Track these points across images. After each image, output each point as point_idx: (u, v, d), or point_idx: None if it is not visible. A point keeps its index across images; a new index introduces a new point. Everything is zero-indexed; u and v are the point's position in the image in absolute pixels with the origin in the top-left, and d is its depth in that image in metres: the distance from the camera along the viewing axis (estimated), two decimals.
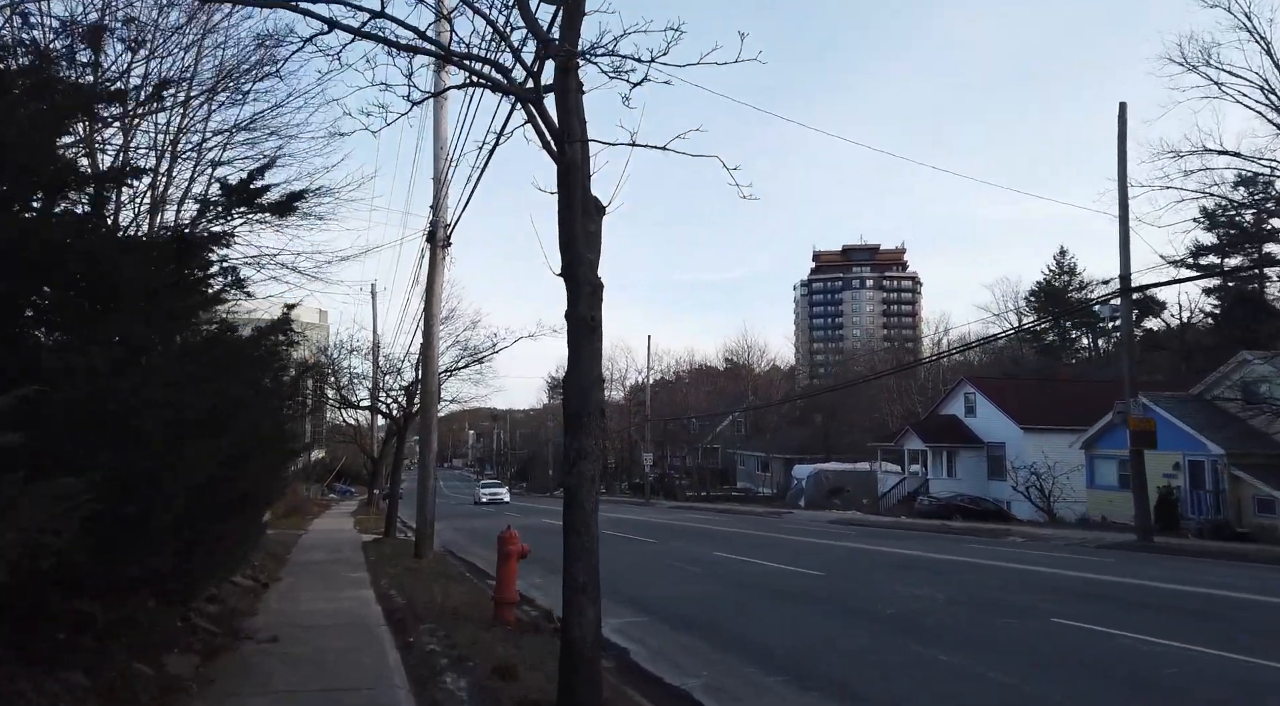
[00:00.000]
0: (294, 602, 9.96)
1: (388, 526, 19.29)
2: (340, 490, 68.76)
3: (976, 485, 37.58)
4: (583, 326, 4.83)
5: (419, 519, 14.89)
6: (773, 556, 15.50)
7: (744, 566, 13.97)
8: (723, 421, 72.53)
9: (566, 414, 4.90)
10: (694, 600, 10.53)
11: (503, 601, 8.42)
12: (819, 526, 27.55)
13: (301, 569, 13.68)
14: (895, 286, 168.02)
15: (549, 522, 28.07)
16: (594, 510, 4.76)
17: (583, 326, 4.83)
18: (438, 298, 15.24)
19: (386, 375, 19.17)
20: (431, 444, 15.03)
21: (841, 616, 9.01)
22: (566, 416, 4.90)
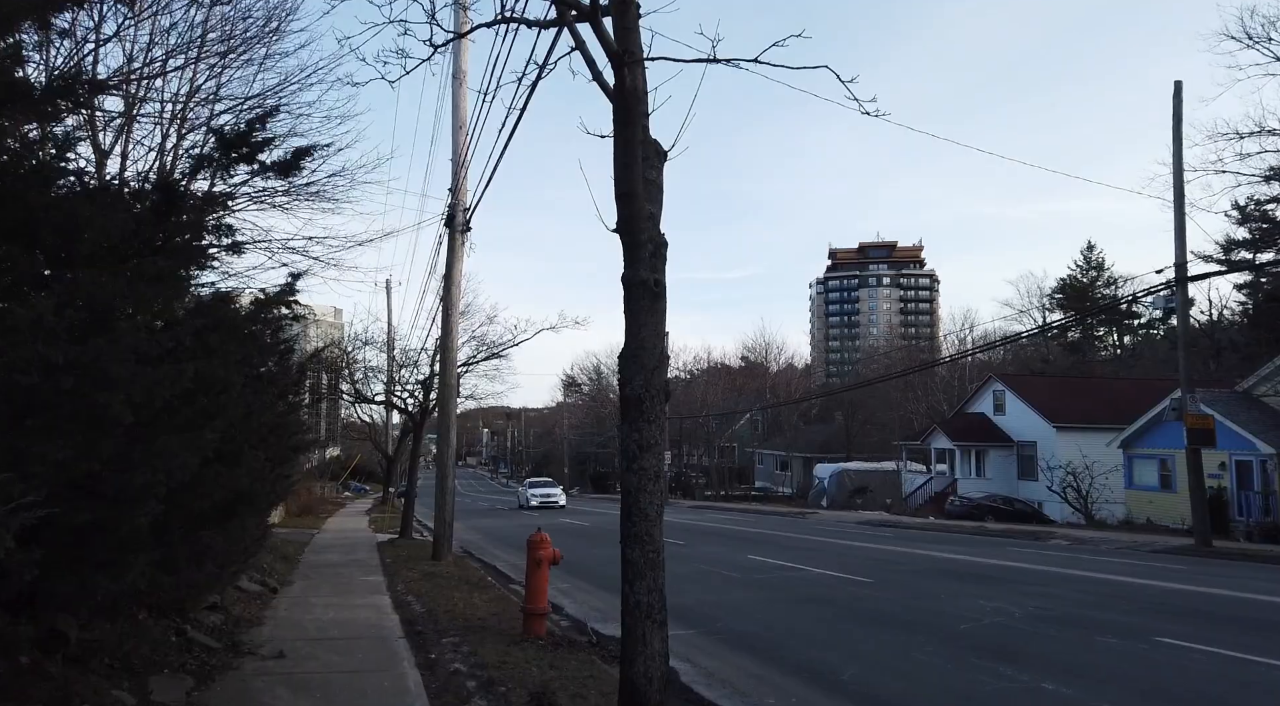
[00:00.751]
0: (304, 610, 9.17)
1: (404, 526, 18.53)
2: (355, 488, 68.35)
3: (1006, 485, 36.43)
4: (644, 292, 3.97)
5: (437, 519, 14.09)
6: (811, 560, 14.59)
7: (785, 572, 13.05)
8: (740, 420, 71.57)
9: (624, 398, 4.03)
10: (740, 611, 9.65)
11: (533, 612, 7.58)
12: (848, 527, 26.57)
13: (314, 572, 12.92)
14: (913, 284, 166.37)
15: (568, 522, 27.25)
16: (659, 515, 3.91)
17: (644, 292, 3.97)
18: (457, 286, 14.44)
19: (402, 368, 18.40)
20: (450, 440, 14.23)
21: (909, 632, 8.09)
22: (624, 401, 4.04)
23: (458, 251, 14.41)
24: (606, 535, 20.90)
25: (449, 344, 14.35)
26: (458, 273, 14.44)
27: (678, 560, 15.08)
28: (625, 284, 4.07)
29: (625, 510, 3.99)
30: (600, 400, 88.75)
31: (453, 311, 14.39)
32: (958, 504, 32.17)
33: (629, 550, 3.91)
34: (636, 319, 4.01)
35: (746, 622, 8.94)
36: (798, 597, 10.51)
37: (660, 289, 4.04)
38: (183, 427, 3.34)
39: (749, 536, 21.07)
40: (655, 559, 3.91)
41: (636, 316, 4.01)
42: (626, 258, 4.07)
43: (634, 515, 3.92)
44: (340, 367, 18.26)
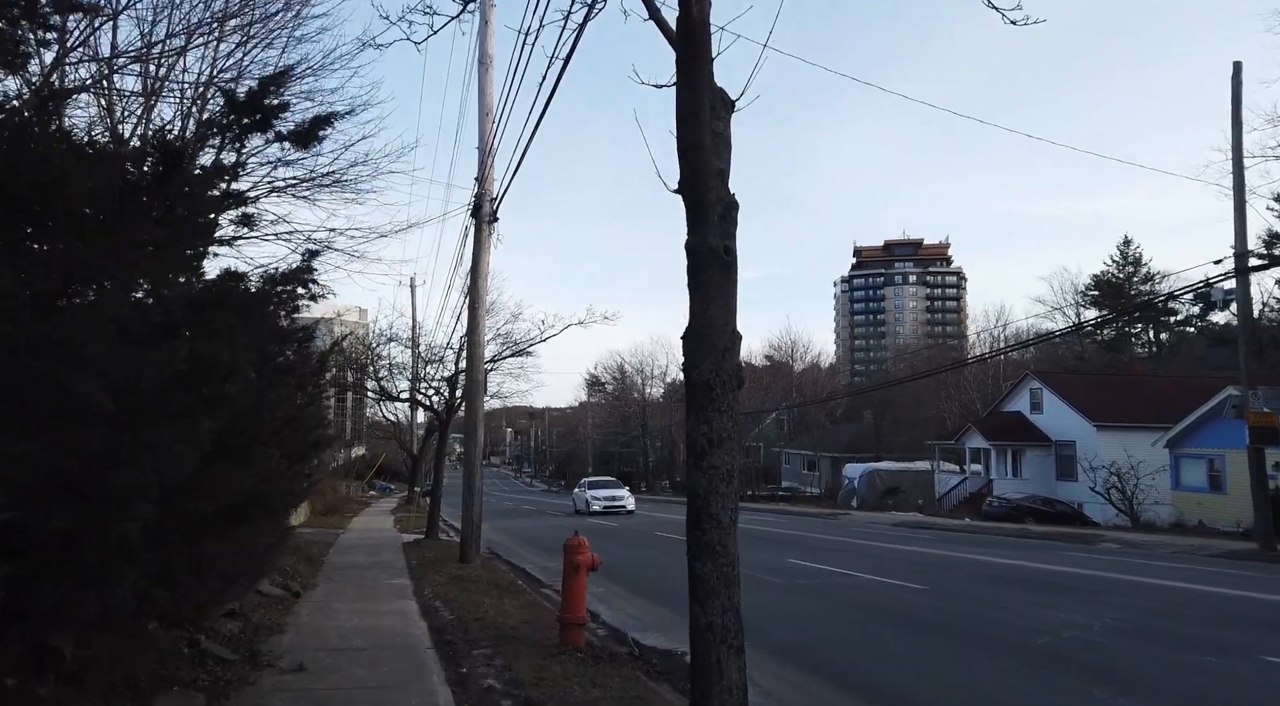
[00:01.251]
0: (327, 616, 8.70)
1: (430, 527, 18.10)
2: (380, 487, 68.52)
3: (1044, 486, 35.36)
4: (712, 260, 3.40)
5: (464, 520, 13.62)
6: (855, 564, 13.88)
7: (829, 578, 12.37)
8: (766, 419, 70.70)
9: (690, 385, 3.45)
10: (789, 621, 9.02)
11: (571, 622, 7.02)
12: (884, 529, 25.76)
13: (338, 574, 12.49)
14: (939, 282, 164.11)
15: (596, 523, 26.70)
16: (733, 522, 3.34)
17: (712, 260, 3.40)
18: (484, 278, 13.94)
19: (428, 364, 17.96)
20: (477, 437, 13.74)
21: (984, 649, 7.41)
22: (691, 389, 3.46)
23: (484, 243, 13.91)
24: (637, 536, 20.34)
25: (476, 338, 13.85)
26: (484, 265, 13.95)
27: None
28: (690, 252, 3.49)
29: (693, 516, 3.41)
30: (624, 399, 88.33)
31: (480, 305, 13.89)
32: (996, 505, 31.19)
33: (699, 563, 3.33)
34: (704, 293, 3.43)
35: (801, 634, 8.31)
36: (851, 606, 9.84)
37: (731, 257, 3.46)
38: (177, 417, 2.82)
39: (784, 538, 20.39)
40: (730, 573, 3.34)
41: (704, 290, 3.43)
42: (691, 221, 3.50)
43: (704, 522, 3.34)
44: (365, 363, 17.85)
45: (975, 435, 38.67)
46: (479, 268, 13.91)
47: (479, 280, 13.93)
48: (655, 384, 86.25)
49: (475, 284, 13.93)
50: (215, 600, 4.27)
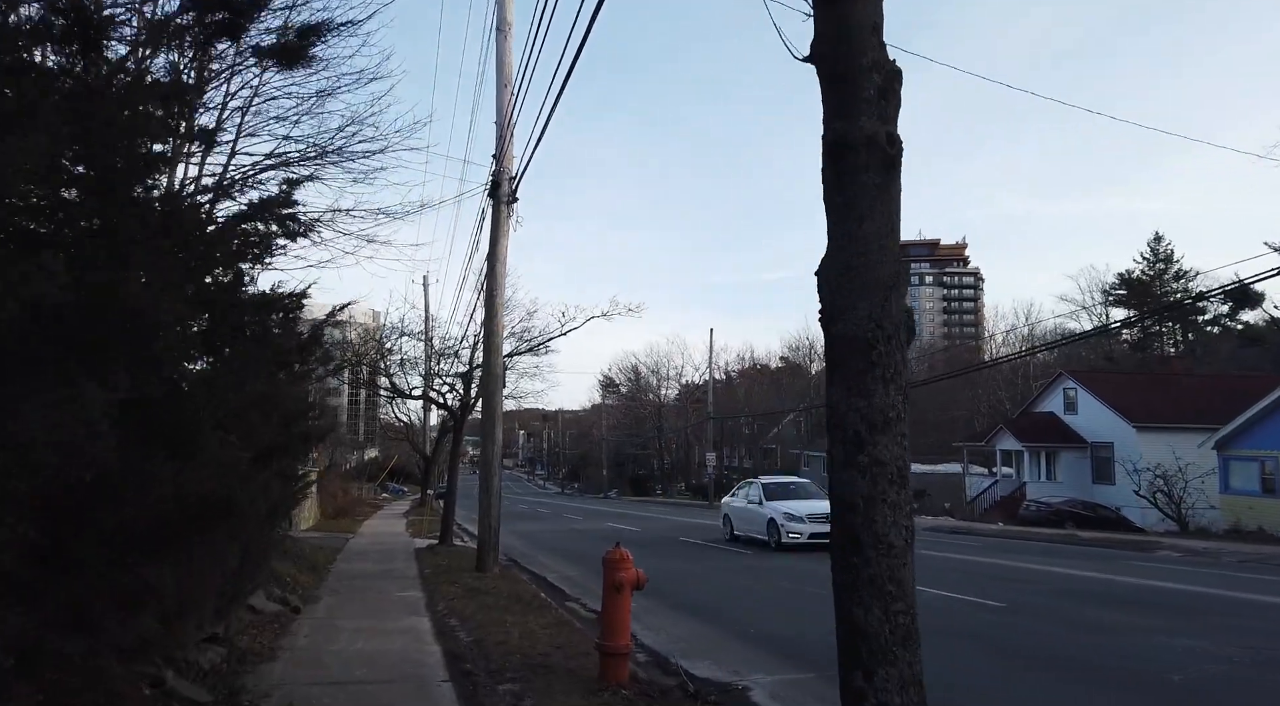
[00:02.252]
0: (328, 637, 7.61)
1: (444, 531, 17.03)
2: (393, 489, 67.68)
3: (1079, 489, 33.92)
4: (867, 155, 2.28)
5: (481, 525, 12.52)
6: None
7: None
8: (781, 421, 69.27)
9: (834, 341, 2.33)
10: None
11: (613, 651, 5.89)
12: (921, 534, 24.38)
13: (344, 585, 11.41)
14: (956, 282, 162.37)
15: (617, 528, 25.53)
16: (907, 545, 2.19)
17: (867, 155, 2.28)
18: (502, 263, 12.86)
19: (441, 358, 16.85)
20: (495, 436, 12.65)
21: (1106, 684, 6.21)
22: (835, 346, 2.33)
23: (503, 225, 12.84)
24: (661, 543, 19.06)
25: (493, 328, 12.77)
26: (503, 249, 12.87)
27: (753, 574, 13.29)
28: (834, 146, 2.38)
29: (845, 536, 2.30)
30: (638, 401, 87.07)
31: (497, 292, 12.82)
32: (1034, 509, 29.80)
33: (858, 607, 2.22)
34: (854, 205, 2.32)
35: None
36: (926, 628, 8.61)
37: (896, 150, 2.34)
38: (35, 364, 1.75)
39: None
40: (909, 625, 2.24)
41: (854, 201, 2.32)
42: (834, 102, 2.39)
43: (864, 544, 2.22)
44: (376, 360, 16.78)
45: (1006, 436, 37.25)
46: (497, 252, 12.84)
47: (497, 265, 12.86)
48: (670, 385, 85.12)
49: (493, 269, 12.85)
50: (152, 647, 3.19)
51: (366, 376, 17.12)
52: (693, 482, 77.36)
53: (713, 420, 51.54)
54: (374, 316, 27.69)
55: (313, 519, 26.92)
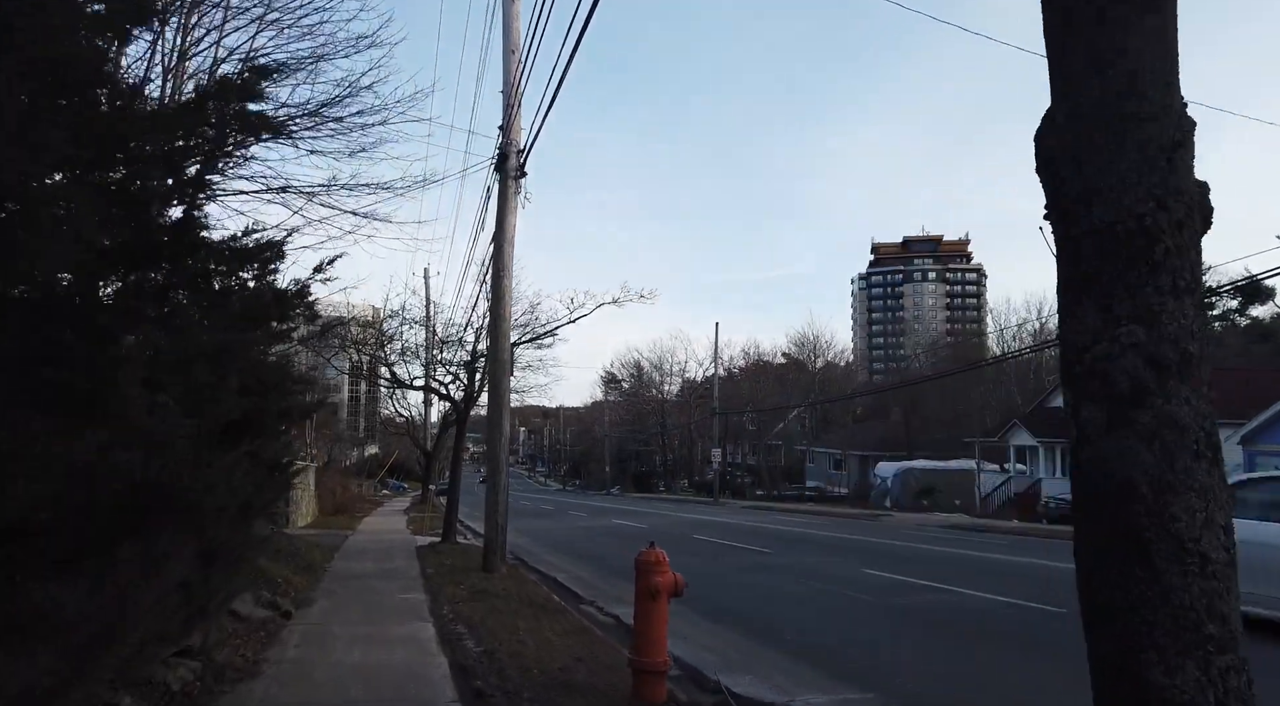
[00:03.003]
0: (321, 647, 6.80)
1: (446, 529, 16.21)
2: (393, 486, 66.93)
3: None
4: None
5: (488, 523, 11.70)
6: (951, 578, 11.74)
7: (935, 597, 10.18)
8: (787, 416, 68.48)
9: (1080, 237, 1.46)
10: (912, 661, 7.00)
11: (649, 668, 5.08)
12: (939, 532, 23.63)
13: (341, 586, 10.59)
14: (959, 279, 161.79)
15: (624, 524, 24.72)
16: (1229, 564, 1.30)
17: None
18: (510, 243, 12.02)
19: (445, 345, 15.97)
20: (503, 427, 11.81)
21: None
22: (1080, 244, 1.46)
23: (510, 201, 12.00)
24: (678, 542, 17.98)
25: (500, 311, 11.94)
26: (511, 226, 12.03)
27: (777, 573, 12.43)
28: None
29: (1116, 538, 1.44)
30: (641, 397, 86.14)
31: (505, 272, 11.97)
32: (1054, 506, 28.97)
33: (1151, 663, 1.35)
34: (1108, 32, 1.47)
35: (938, 682, 6.30)
36: (983, 638, 7.78)
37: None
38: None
39: (840, 544, 18.32)
40: (1243, 694, 1.33)
41: (1109, 29, 1.46)
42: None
43: (1156, 553, 1.35)
44: (374, 345, 15.91)
45: (1021, 432, 36.42)
46: (504, 229, 12.00)
47: (504, 244, 12.02)
48: (674, 381, 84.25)
49: (500, 249, 12.02)
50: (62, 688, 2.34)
51: (366, 367, 16.28)
52: (696, 479, 76.51)
53: (718, 415, 50.65)
54: (374, 313, 26.75)
55: (310, 515, 26.12)
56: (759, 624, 8.46)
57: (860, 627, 8.21)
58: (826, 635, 8.00)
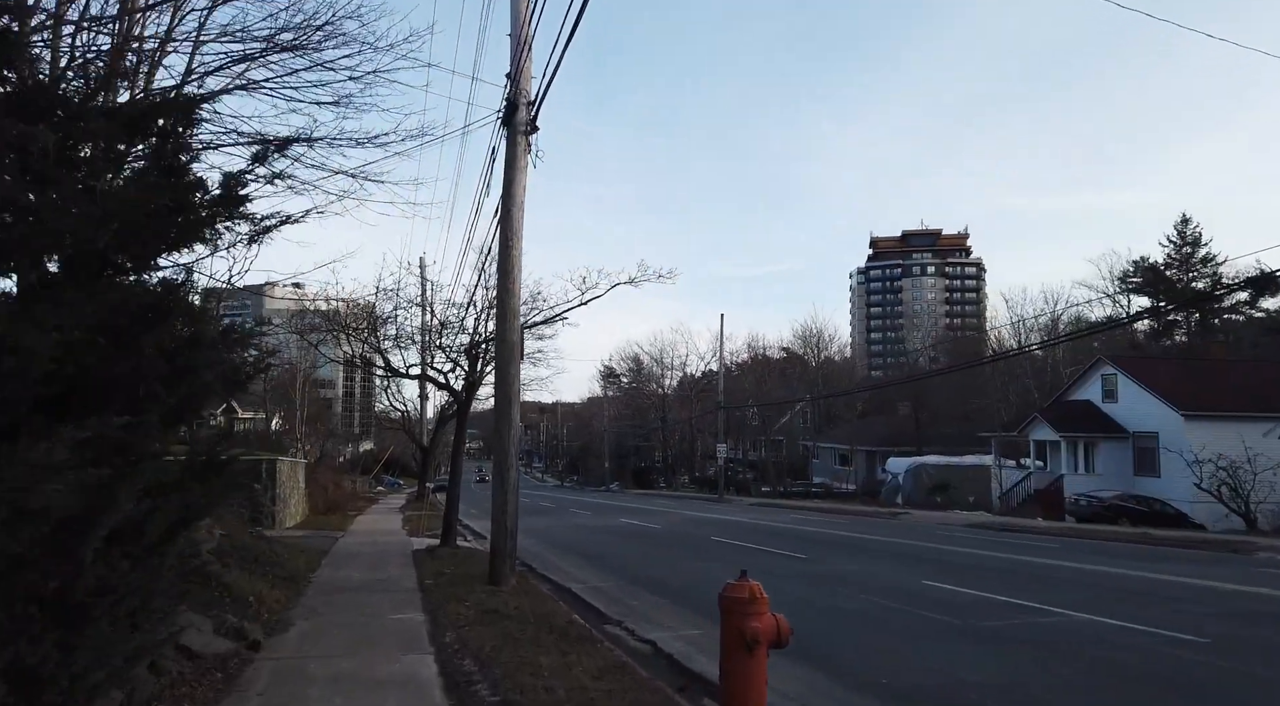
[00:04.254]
0: (293, 695, 5.32)
1: (445, 530, 14.71)
2: (389, 482, 65.41)
3: (1120, 481, 31.75)
4: None
5: (495, 528, 10.20)
6: (1028, 592, 10.17)
7: (1024, 617, 8.48)
8: (788, 412, 67.11)
9: None
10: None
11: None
12: (970, 533, 22.20)
13: (326, 602, 9.09)
14: (959, 273, 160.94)
15: (631, 523, 23.19)
16: None
17: None
18: (519, 208, 10.51)
19: (444, 329, 14.38)
20: (512, 417, 10.31)
21: None
22: None
23: (519, 159, 10.49)
24: (690, 542, 16.35)
25: (509, 286, 10.42)
26: (519, 188, 10.52)
27: (824, 585, 10.89)
28: None
29: None
30: (640, 392, 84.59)
31: (513, 241, 10.46)
32: (1084, 504, 27.59)
33: None
34: None
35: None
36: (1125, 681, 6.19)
37: None
38: None
39: (872, 546, 16.86)
40: None
41: None
42: None
43: None
44: (366, 330, 14.34)
45: (1042, 426, 35.01)
46: (512, 192, 10.49)
47: (512, 210, 10.50)
48: (674, 374, 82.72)
49: (508, 213, 10.50)
50: None
51: (358, 354, 14.74)
52: (696, 475, 75.07)
53: (723, 409, 49.17)
54: (368, 303, 25.23)
55: (300, 515, 24.59)
56: (840, 659, 6.76)
57: (977, 667, 6.54)
58: (923, 671, 6.46)
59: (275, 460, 20.65)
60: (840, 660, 6.77)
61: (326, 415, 59.32)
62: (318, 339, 14.46)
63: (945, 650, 7.09)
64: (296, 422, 39.21)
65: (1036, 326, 47.17)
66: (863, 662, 6.71)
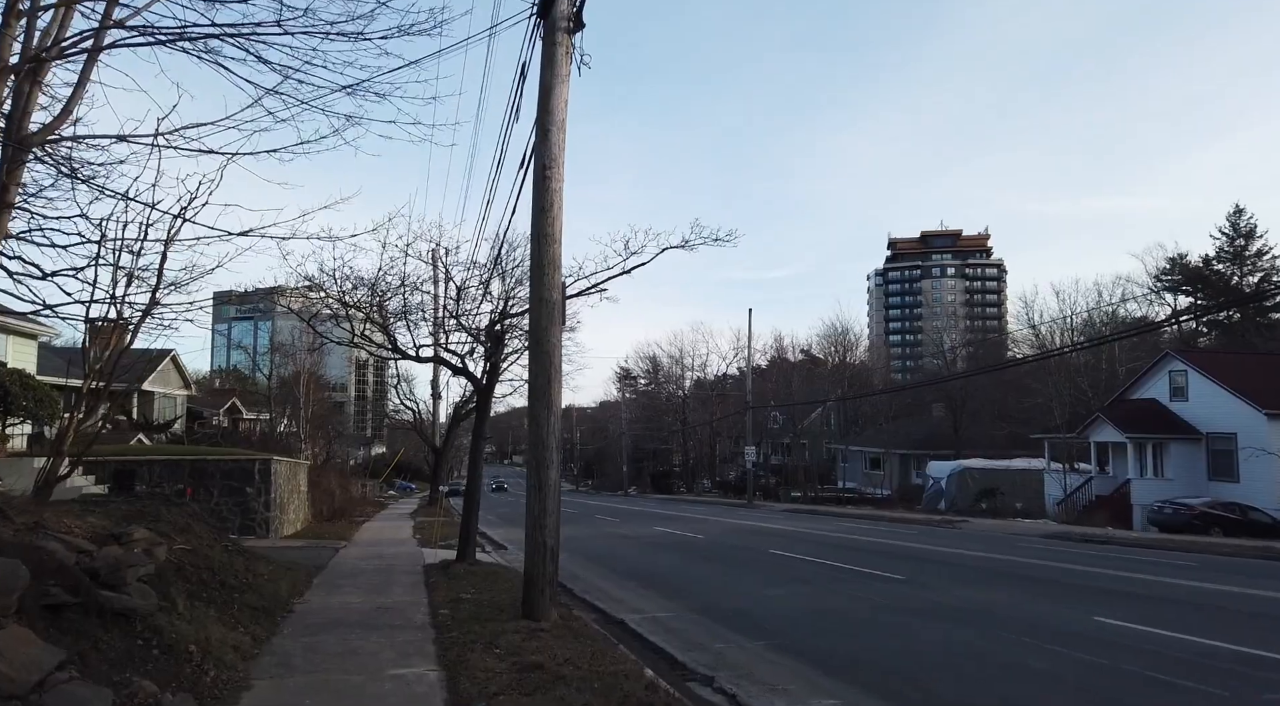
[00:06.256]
0: None
1: (463, 542, 12.30)
2: (400, 486, 63.27)
3: (1192, 486, 28.96)
4: None
5: (530, 544, 7.74)
6: (1239, 635, 7.71)
7: (1221, 665, 6.24)
8: (810, 414, 64.41)
9: None
10: None
11: None
12: (1056, 545, 19.55)
13: (304, 649, 6.67)
14: (979, 274, 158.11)
15: (667, 532, 20.42)
16: None
17: None
18: (559, 125, 8.09)
19: (462, 293, 11.82)
20: (552, 400, 7.85)
21: None
22: None
23: (560, 64, 8.08)
24: (755, 557, 14.17)
25: (547, 229, 7.98)
26: (560, 101, 8.11)
27: (952, 619, 8.12)
28: None
29: None
30: (658, 394, 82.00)
31: (552, 170, 8.03)
32: (1168, 511, 24.83)
33: None
34: None
35: None
36: None
37: None
38: None
39: (972, 565, 14.21)
40: None
41: None
42: None
43: None
44: (370, 306, 11.89)
45: (1105, 427, 32.23)
46: (551, 107, 8.08)
47: (551, 129, 8.09)
48: (694, 376, 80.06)
49: (546, 135, 8.08)
50: None
51: (359, 334, 12.33)
52: (718, 479, 72.42)
53: (750, 409, 46.59)
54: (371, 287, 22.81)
55: (301, 522, 22.26)
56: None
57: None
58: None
59: (270, 460, 18.34)
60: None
61: (336, 417, 57.24)
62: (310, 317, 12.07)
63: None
64: (301, 421, 36.97)
65: (1092, 320, 44.30)
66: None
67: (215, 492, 16.89)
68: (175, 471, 16.83)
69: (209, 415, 39.01)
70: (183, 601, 6.66)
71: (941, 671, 6.29)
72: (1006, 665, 6.54)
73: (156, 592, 6.34)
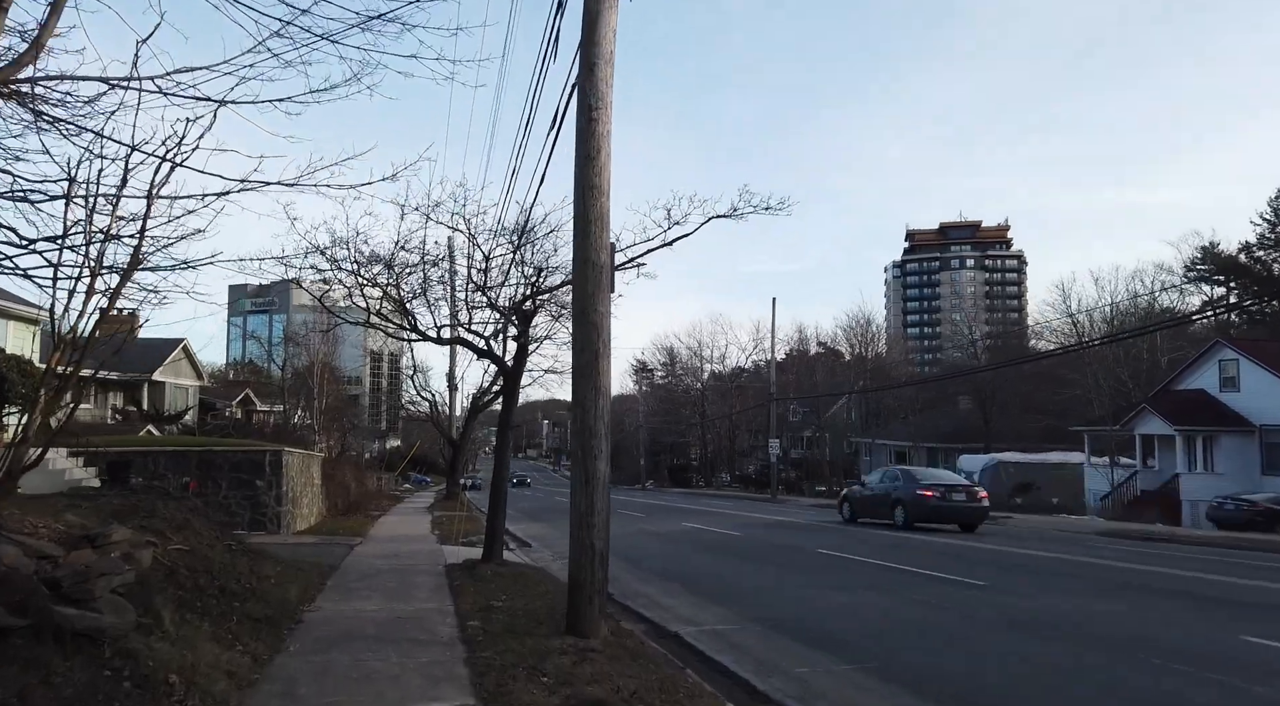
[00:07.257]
0: None
1: (489, 541, 11.22)
2: (416, 480, 62.56)
3: (1243, 481, 27.53)
4: None
5: (575, 546, 6.63)
6: None
7: None
8: (832, 406, 63.09)
9: None
10: None
11: None
12: (1117, 545, 18.24)
13: (312, 672, 5.58)
14: (999, 266, 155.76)
15: (696, 527, 19.18)
16: None
17: None
18: (607, 59, 6.92)
19: (489, 263, 10.64)
20: (598, 375, 6.73)
21: None
22: None
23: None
24: (808, 559, 12.71)
25: (592, 179, 6.82)
26: (607, 31, 6.96)
27: (1066, 639, 6.55)
28: None
29: None
30: (675, 386, 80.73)
31: (600, 110, 6.87)
32: (1229, 508, 23.46)
33: None
34: None
35: None
36: None
37: None
38: None
39: (1046, 568, 12.95)
40: None
41: None
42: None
43: None
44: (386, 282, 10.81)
45: (1151, 419, 30.81)
46: (597, 37, 6.94)
47: (598, 64, 6.94)
48: (713, 368, 78.68)
49: (591, 70, 6.93)
50: None
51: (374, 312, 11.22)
52: (737, 473, 71.20)
53: (774, 401, 45.34)
54: (388, 264, 21.61)
55: (316, 516, 21.30)
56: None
57: None
58: None
59: (281, 451, 17.37)
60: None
61: (351, 410, 56.52)
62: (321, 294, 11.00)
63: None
64: (315, 412, 36.11)
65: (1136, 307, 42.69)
66: None
67: (223, 486, 15.94)
68: (180, 463, 15.88)
69: (222, 406, 38.28)
70: (170, 615, 5.60)
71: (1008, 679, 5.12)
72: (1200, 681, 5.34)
73: (137, 605, 5.28)
